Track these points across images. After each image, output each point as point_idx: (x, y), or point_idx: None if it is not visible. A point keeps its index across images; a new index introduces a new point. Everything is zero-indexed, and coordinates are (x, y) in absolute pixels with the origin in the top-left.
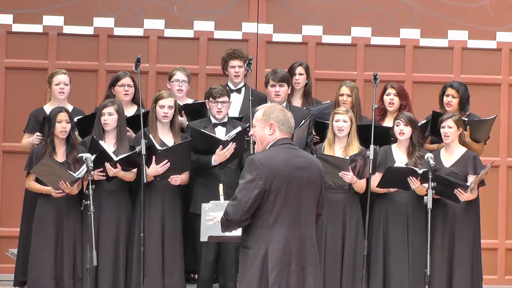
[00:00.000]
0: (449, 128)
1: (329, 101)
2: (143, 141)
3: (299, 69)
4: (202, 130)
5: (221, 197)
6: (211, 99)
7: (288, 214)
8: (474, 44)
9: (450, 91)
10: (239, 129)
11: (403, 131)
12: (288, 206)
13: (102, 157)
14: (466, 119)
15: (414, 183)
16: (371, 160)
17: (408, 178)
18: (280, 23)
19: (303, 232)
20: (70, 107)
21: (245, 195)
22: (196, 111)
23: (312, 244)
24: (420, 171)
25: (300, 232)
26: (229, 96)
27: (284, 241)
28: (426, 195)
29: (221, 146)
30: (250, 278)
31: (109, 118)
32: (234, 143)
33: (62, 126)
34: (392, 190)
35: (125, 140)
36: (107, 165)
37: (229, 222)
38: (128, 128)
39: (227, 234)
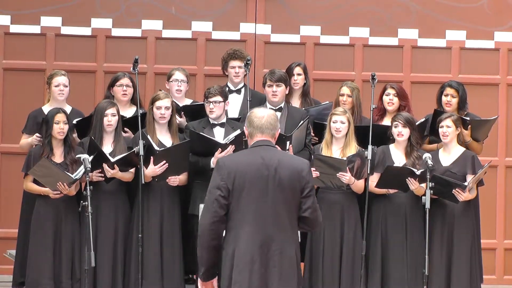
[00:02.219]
0: (447, 128)
1: (327, 102)
2: (141, 142)
3: (297, 70)
4: (201, 133)
5: None
6: (204, 99)
7: (252, 214)
8: (472, 44)
9: (449, 90)
10: (238, 131)
11: (401, 133)
12: (253, 206)
13: (99, 158)
14: (468, 118)
15: (413, 184)
16: (369, 161)
17: (406, 180)
18: (278, 24)
19: (269, 233)
20: (69, 108)
21: (210, 197)
22: (196, 112)
23: (280, 245)
24: (418, 172)
25: (265, 233)
26: (223, 96)
27: (247, 241)
28: (425, 195)
29: (219, 148)
30: (223, 277)
31: (112, 119)
32: (233, 146)
33: (60, 127)
34: (391, 191)
35: (121, 141)
36: (105, 166)
37: (201, 226)
38: (127, 129)
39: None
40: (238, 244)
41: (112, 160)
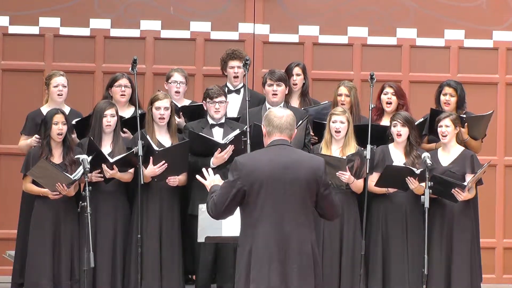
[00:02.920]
0: (446, 127)
1: (327, 102)
2: (140, 142)
3: (296, 70)
4: (201, 133)
5: None
6: (208, 99)
7: (271, 213)
8: (470, 43)
9: (447, 90)
10: (237, 131)
11: (400, 132)
12: (271, 204)
13: (98, 159)
14: (464, 116)
15: (413, 183)
16: (368, 160)
17: (406, 179)
18: (277, 23)
19: (287, 231)
20: (67, 109)
21: (224, 193)
22: (194, 113)
23: (299, 243)
24: (418, 171)
25: (283, 231)
26: (225, 96)
27: (265, 239)
28: (424, 194)
29: (219, 148)
30: (239, 274)
31: (111, 120)
32: (232, 146)
33: (59, 128)
34: (391, 190)
35: (120, 141)
36: (104, 166)
37: (210, 213)
38: (126, 130)
39: (224, 234)
40: (255, 242)
41: (111, 160)
